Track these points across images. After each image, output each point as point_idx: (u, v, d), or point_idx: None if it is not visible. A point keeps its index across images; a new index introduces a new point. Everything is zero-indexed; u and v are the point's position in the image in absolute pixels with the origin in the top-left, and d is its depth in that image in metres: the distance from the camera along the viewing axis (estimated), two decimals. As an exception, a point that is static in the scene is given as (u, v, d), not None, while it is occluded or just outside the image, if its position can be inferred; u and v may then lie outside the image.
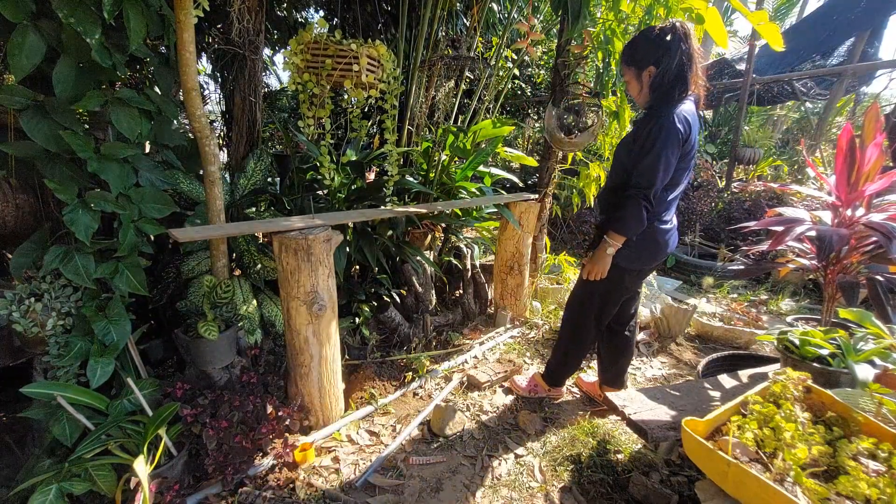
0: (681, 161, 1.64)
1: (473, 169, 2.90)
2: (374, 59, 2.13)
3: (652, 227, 1.74)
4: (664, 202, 1.73)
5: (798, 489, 1.04)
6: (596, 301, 1.94)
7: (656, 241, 1.77)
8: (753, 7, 6.37)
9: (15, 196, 1.68)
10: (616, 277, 1.84)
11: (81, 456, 1.45)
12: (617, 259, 1.79)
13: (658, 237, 1.77)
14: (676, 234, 1.87)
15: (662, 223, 1.77)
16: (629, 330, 2.11)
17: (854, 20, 5.25)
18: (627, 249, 1.77)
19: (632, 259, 1.79)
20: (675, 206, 1.81)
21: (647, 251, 1.78)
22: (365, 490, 1.69)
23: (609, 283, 1.85)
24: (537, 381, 2.29)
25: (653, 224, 1.74)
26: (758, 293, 3.60)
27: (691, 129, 1.61)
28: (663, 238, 1.78)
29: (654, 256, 1.81)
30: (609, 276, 1.83)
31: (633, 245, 1.76)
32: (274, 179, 2.91)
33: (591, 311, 1.97)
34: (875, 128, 1.74)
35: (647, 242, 1.76)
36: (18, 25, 1.40)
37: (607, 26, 2.63)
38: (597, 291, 1.91)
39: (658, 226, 1.76)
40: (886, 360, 1.42)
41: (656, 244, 1.77)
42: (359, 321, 2.52)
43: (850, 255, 1.86)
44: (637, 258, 1.80)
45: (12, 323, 1.56)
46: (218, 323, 1.88)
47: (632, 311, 2.10)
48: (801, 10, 8.93)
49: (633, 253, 1.78)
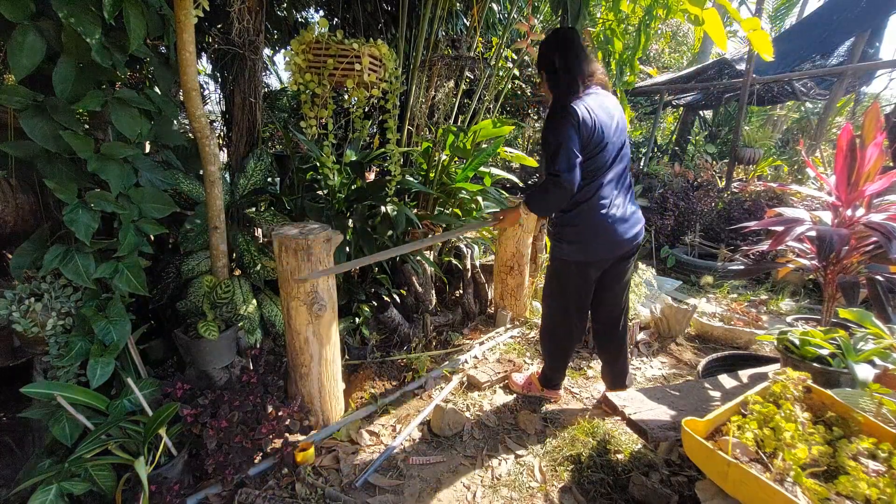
0: (593, 147, 1.71)
1: (474, 169, 2.90)
2: (376, 59, 2.12)
3: (589, 217, 1.78)
4: (593, 189, 1.76)
5: (798, 489, 1.04)
6: (560, 299, 2.01)
7: (596, 231, 1.79)
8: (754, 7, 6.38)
9: (15, 196, 1.68)
10: (568, 272, 1.91)
11: (81, 456, 1.45)
12: (564, 254, 1.88)
13: (598, 227, 1.79)
14: (632, 221, 1.84)
15: (599, 211, 1.77)
16: (615, 331, 2.08)
17: (854, 20, 5.25)
18: (570, 245, 1.84)
19: (577, 252, 1.84)
20: (615, 193, 1.80)
21: (591, 242, 1.82)
22: (365, 490, 1.69)
23: (565, 278, 1.94)
24: (532, 379, 2.29)
25: (590, 214, 1.78)
26: (758, 293, 3.60)
27: (593, 115, 1.69)
28: (605, 226, 1.78)
29: (601, 246, 1.82)
30: (563, 272, 1.94)
31: (575, 239, 1.83)
32: (274, 179, 2.91)
33: (558, 309, 2.05)
34: (875, 128, 1.74)
35: (588, 233, 1.81)
36: (18, 25, 1.40)
37: (607, 26, 2.63)
38: (558, 289, 2.00)
39: (596, 215, 1.77)
40: (886, 360, 1.42)
41: (597, 233, 1.80)
42: (359, 321, 2.52)
43: (850, 255, 1.85)
44: (582, 251, 1.83)
45: (12, 323, 1.56)
46: (218, 323, 1.88)
47: (614, 312, 2.04)
48: (801, 10, 8.93)
49: (575, 247, 1.84)
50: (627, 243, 1.84)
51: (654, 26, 2.49)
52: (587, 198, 1.77)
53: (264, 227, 2.33)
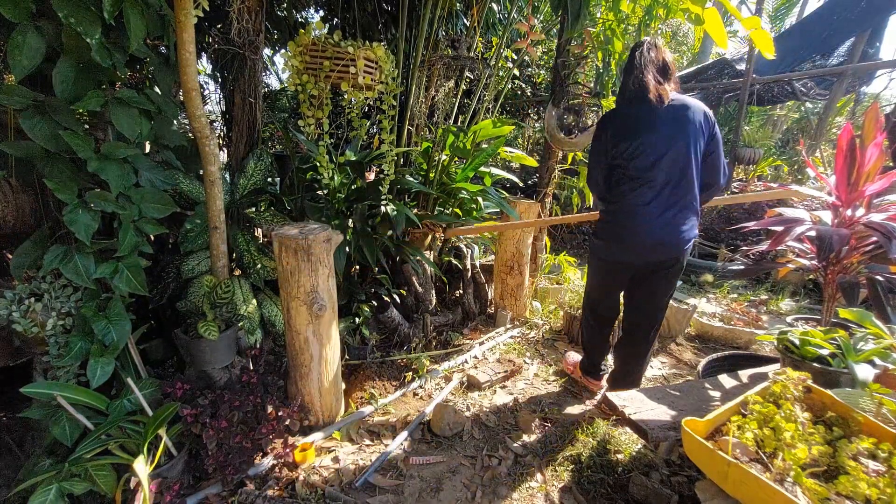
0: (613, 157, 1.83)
1: (475, 169, 2.90)
2: (371, 61, 2.13)
3: (616, 220, 1.90)
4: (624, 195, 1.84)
5: (798, 489, 1.04)
6: (587, 291, 2.21)
7: (621, 235, 1.88)
8: (754, 6, 6.38)
9: (15, 196, 1.68)
10: (594, 266, 2.10)
11: (81, 456, 1.45)
12: (593, 248, 2.06)
13: (623, 231, 1.87)
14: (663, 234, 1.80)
15: (628, 217, 1.84)
16: (630, 338, 2.09)
17: (854, 20, 5.24)
18: (597, 241, 1.99)
19: (601, 249, 1.99)
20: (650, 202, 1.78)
21: (613, 244, 1.93)
22: (365, 490, 1.69)
23: (591, 270, 2.13)
24: (576, 364, 2.43)
25: (617, 217, 1.89)
26: (758, 293, 3.60)
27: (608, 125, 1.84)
28: (630, 231, 1.84)
29: (624, 247, 1.88)
30: (590, 264, 2.13)
31: (602, 236, 1.97)
32: (274, 179, 2.91)
33: (585, 300, 2.25)
34: (875, 128, 1.74)
35: (613, 234, 1.92)
36: (18, 25, 1.40)
37: (607, 26, 2.63)
38: (588, 281, 2.18)
39: (624, 220, 1.86)
40: (886, 360, 1.42)
41: (620, 237, 1.88)
42: (359, 321, 2.52)
43: (850, 255, 1.85)
44: (605, 249, 1.97)
45: (12, 323, 1.56)
46: (218, 323, 1.88)
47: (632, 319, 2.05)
48: (801, 10, 8.92)
49: (601, 244, 1.98)
50: (651, 254, 1.84)
51: (654, 26, 2.49)
52: (617, 201, 1.87)
53: (264, 227, 2.33)
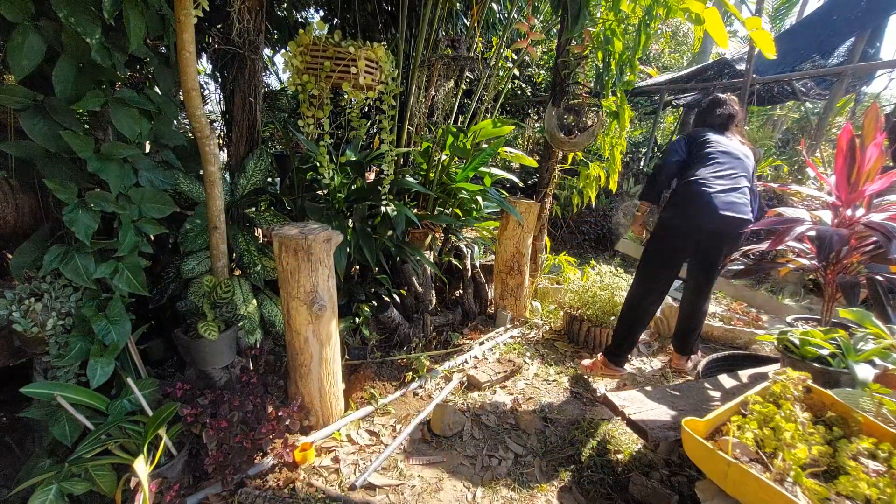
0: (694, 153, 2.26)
1: (475, 169, 2.89)
2: (372, 62, 2.13)
3: (687, 187, 2.18)
4: (691, 170, 2.22)
5: (798, 489, 1.04)
6: (642, 266, 2.34)
7: (690, 198, 2.16)
8: (754, 7, 6.38)
9: (15, 196, 1.68)
10: (661, 234, 2.28)
11: (81, 456, 1.45)
12: (662, 219, 2.26)
13: (692, 195, 2.15)
14: (728, 201, 2.12)
15: (697, 185, 2.15)
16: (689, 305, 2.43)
17: (854, 20, 5.24)
18: (667, 210, 2.25)
19: (674, 216, 2.22)
20: (713, 175, 2.16)
21: (684, 207, 2.18)
22: (365, 490, 1.69)
23: (658, 240, 2.30)
24: (593, 362, 2.53)
25: (688, 184, 2.18)
26: (758, 293, 3.60)
27: (697, 137, 2.30)
28: (698, 195, 2.13)
29: (693, 213, 2.15)
30: (657, 235, 2.30)
31: (673, 203, 2.24)
32: (274, 179, 2.91)
33: (638, 277, 2.36)
34: (875, 128, 1.74)
35: (683, 198, 2.20)
36: (18, 25, 1.40)
37: (607, 26, 2.63)
38: (648, 253, 2.33)
39: (692, 187, 2.16)
40: (886, 360, 1.42)
41: (690, 200, 2.16)
42: (359, 321, 2.52)
43: (850, 255, 1.85)
44: (677, 215, 2.21)
45: (12, 323, 1.56)
46: (218, 323, 1.88)
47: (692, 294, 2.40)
48: (801, 10, 8.92)
49: (674, 210, 2.22)
50: (720, 218, 2.09)
51: (654, 26, 2.49)
52: (688, 176, 2.20)
53: (264, 227, 2.33)
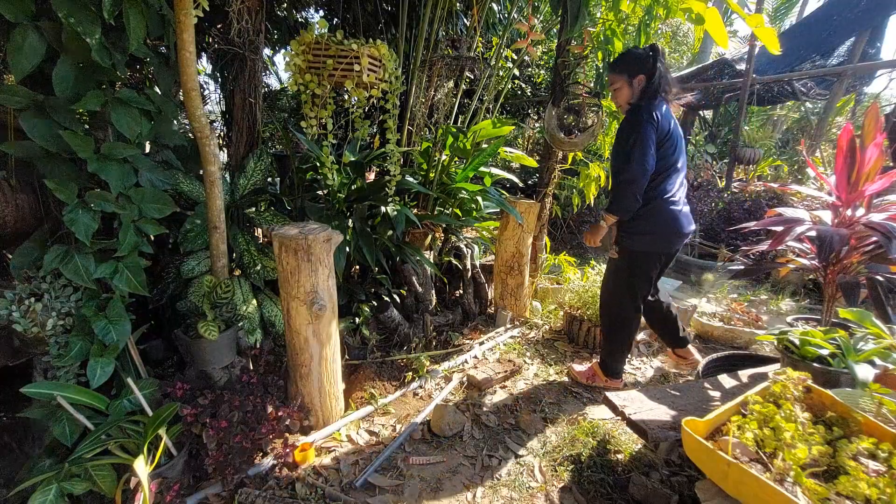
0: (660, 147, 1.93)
1: (475, 169, 2.90)
2: (375, 59, 2.13)
3: (658, 207, 1.99)
4: (660, 185, 1.98)
5: (798, 489, 1.04)
6: (628, 290, 2.18)
7: (667, 223, 2.01)
8: (753, 6, 6.38)
9: (15, 196, 1.68)
10: (643, 261, 2.12)
11: (81, 456, 1.45)
12: (640, 246, 2.07)
13: (668, 220, 2.01)
14: (690, 217, 2.06)
15: (670, 206, 2.00)
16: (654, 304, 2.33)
17: (854, 20, 5.25)
18: (644, 237, 2.05)
19: (653, 242, 2.06)
20: (677, 189, 2.02)
21: (662, 233, 2.04)
22: (365, 490, 1.69)
23: (636, 268, 2.14)
24: (595, 370, 2.38)
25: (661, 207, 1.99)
26: (758, 293, 3.60)
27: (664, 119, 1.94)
28: (674, 220, 2.01)
29: (671, 237, 2.04)
30: (634, 263, 2.13)
31: (650, 231, 2.03)
32: (274, 179, 2.91)
33: (627, 299, 2.20)
34: (875, 128, 1.74)
35: (660, 224, 2.02)
36: (18, 25, 1.40)
37: (607, 26, 2.63)
38: (625, 281, 2.17)
39: (665, 208, 1.99)
40: (886, 360, 1.42)
41: (667, 224, 2.01)
42: (359, 321, 2.52)
43: (850, 255, 1.85)
44: (652, 243, 2.05)
45: (12, 323, 1.56)
46: (218, 323, 1.88)
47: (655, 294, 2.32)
48: (801, 9, 8.92)
49: (652, 237, 2.04)
50: (686, 236, 2.06)
51: (654, 26, 2.49)
52: (657, 194, 1.99)
53: (264, 227, 2.33)
